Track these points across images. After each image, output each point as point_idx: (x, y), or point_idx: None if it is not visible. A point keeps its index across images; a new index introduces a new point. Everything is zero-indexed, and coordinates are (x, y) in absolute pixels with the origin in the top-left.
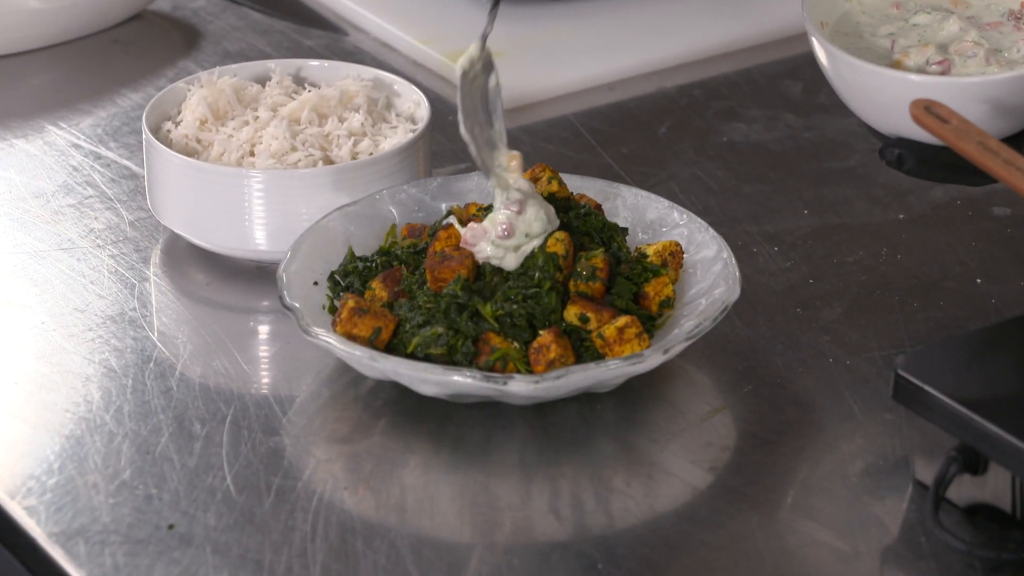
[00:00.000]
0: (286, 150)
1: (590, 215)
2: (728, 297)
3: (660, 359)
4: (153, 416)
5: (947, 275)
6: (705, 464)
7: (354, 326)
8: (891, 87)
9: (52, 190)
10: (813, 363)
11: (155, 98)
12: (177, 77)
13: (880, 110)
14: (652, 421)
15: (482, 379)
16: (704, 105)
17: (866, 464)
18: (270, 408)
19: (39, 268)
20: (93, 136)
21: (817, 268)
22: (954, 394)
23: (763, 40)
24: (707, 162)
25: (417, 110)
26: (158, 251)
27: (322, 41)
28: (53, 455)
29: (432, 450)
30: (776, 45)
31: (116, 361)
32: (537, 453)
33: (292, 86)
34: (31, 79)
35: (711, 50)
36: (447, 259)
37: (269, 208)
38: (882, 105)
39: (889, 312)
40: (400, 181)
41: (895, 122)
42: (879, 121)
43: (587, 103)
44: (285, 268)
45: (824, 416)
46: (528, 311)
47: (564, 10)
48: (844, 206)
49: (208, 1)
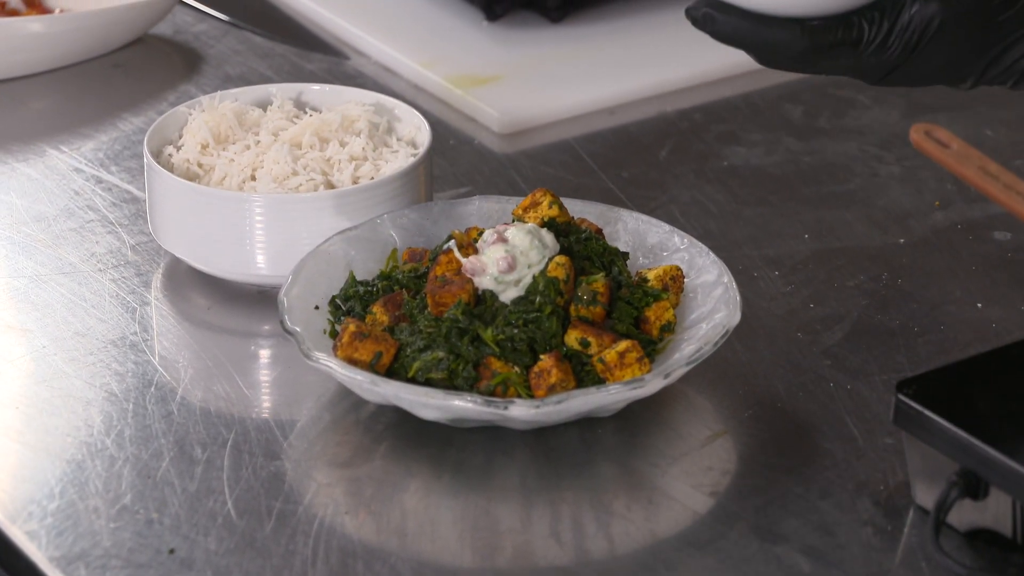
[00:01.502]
0: (287, 174)
1: (591, 240)
2: (729, 321)
3: (661, 384)
4: (154, 440)
5: (948, 299)
6: (706, 488)
7: (355, 350)
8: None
9: (53, 214)
10: (814, 387)
11: (156, 122)
12: (178, 101)
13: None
14: (653, 445)
15: (483, 404)
16: (705, 129)
17: (867, 488)
18: (271, 432)
19: (40, 292)
20: (94, 160)
21: (818, 292)
22: (955, 418)
23: None
24: (708, 186)
25: (418, 134)
26: (159, 275)
27: (323, 65)
28: (54, 479)
29: (433, 474)
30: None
31: (117, 385)
32: (538, 477)
33: (293, 110)
34: (33, 103)
35: (712, 74)
36: (448, 284)
37: (270, 232)
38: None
39: (890, 336)
40: (401, 205)
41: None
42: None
43: (588, 127)
44: (286, 292)
45: (825, 440)
46: (529, 335)
47: (565, 34)
48: (844, 230)
49: (209, 25)
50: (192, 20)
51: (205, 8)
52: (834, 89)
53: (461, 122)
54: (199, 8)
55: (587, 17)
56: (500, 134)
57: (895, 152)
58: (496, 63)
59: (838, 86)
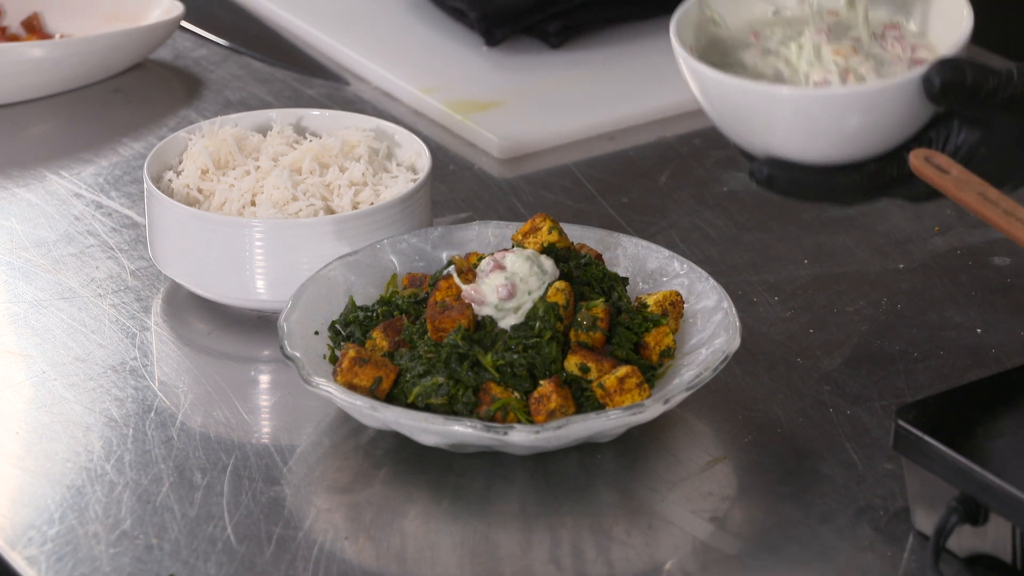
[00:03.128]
0: (287, 200)
1: (590, 265)
2: (728, 347)
3: (660, 409)
4: (154, 466)
5: (947, 325)
6: (706, 514)
7: (355, 376)
8: (762, 103)
9: (53, 239)
10: (814, 413)
11: (156, 147)
12: (178, 126)
13: (750, 128)
14: (653, 471)
15: (483, 429)
16: (704, 154)
17: (867, 514)
18: (271, 457)
19: (40, 317)
20: (94, 185)
21: (817, 317)
22: (954, 444)
23: None
24: (707, 211)
25: (418, 160)
26: (159, 300)
27: (323, 90)
28: (54, 505)
29: (433, 499)
30: None
31: (117, 411)
32: (538, 502)
33: (293, 136)
34: (33, 128)
35: None
36: (447, 309)
37: (270, 257)
38: (752, 123)
39: (889, 362)
40: (401, 231)
41: (765, 140)
42: (750, 141)
43: (587, 152)
44: (286, 317)
45: (825, 466)
46: (528, 361)
47: (565, 59)
48: (844, 255)
49: (209, 50)
50: (192, 45)
51: (205, 33)
52: None
53: (461, 147)
54: (199, 33)
55: (587, 43)
56: (500, 159)
57: None
58: (496, 88)
59: None
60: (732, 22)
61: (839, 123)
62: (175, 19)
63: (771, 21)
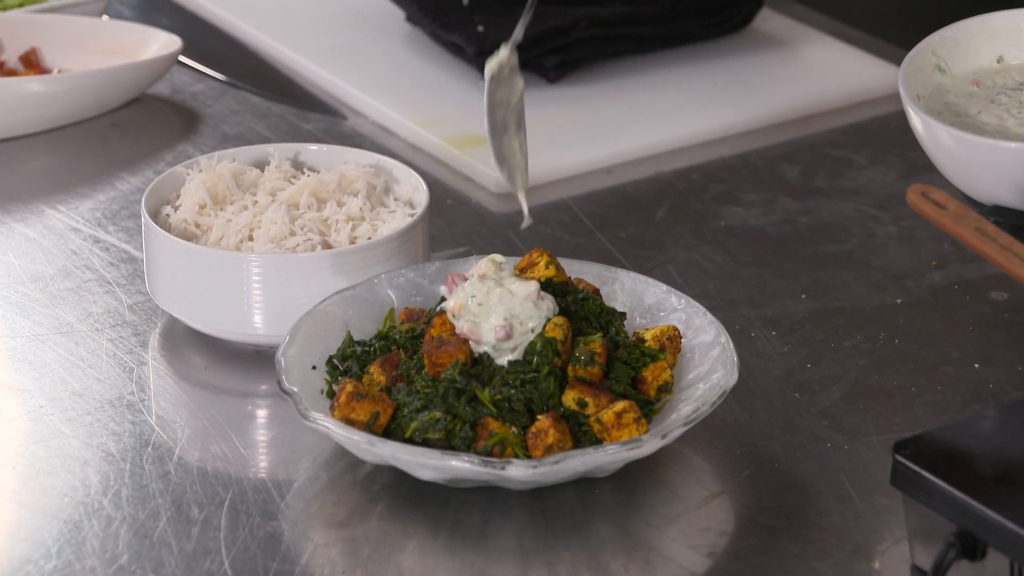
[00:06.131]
0: (285, 234)
1: (588, 300)
2: (726, 382)
3: (658, 444)
4: (151, 500)
5: (945, 359)
6: (703, 549)
7: (352, 410)
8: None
9: (51, 274)
10: (811, 448)
11: (154, 182)
12: (176, 161)
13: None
14: (650, 506)
15: (480, 464)
16: (702, 189)
17: (864, 549)
18: (268, 492)
19: (37, 352)
20: (92, 220)
21: (815, 352)
22: (952, 479)
23: (761, 124)
24: (705, 246)
25: (415, 194)
26: (156, 335)
27: (320, 125)
28: (51, 539)
29: (430, 534)
30: (774, 129)
31: (114, 445)
32: (535, 538)
33: (291, 170)
34: (30, 163)
35: (709, 134)
36: (444, 344)
37: (267, 292)
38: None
39: (887, 397)
40: (398, 265)
41: (991, 190)
42: (976, 190)
43: (585, 186)
44: (283, 352)
45: (822, 501)
46: (526, 396)
47: (562, 93)
48: (842, 290)
49: (207, 85)
50: (190, 80)
51: (203, 68)
52: (831, 149)
53: (458, 182)
54: (197, 68)
55: (584, 77)
56: (497, 194)
57: (892, 212)
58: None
59: (835, 146)
60: (957, 69)
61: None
62: (173, 54)
63: (994, 70)
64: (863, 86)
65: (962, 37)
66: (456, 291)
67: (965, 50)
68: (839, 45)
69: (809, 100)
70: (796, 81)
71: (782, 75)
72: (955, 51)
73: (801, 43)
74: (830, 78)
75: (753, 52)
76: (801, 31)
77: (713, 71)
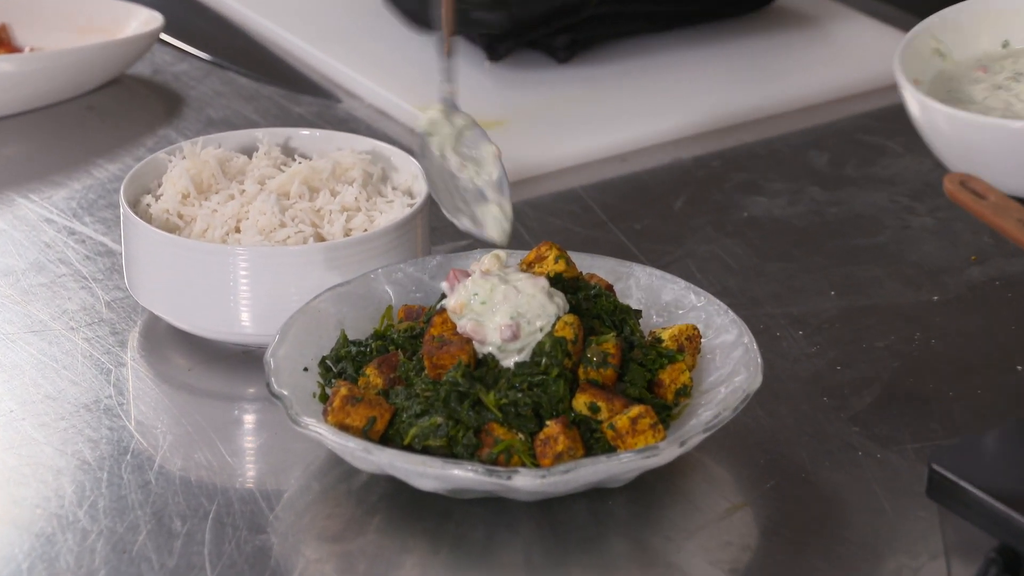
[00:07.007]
0: (274, 226)
1: (601, 297)
2: (749, 385)
3: (676, 452)
4: (130, 512)
5: (985, 361)
6: (725, 565)
7: (347, 415)
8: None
9: (22, 268)
10: (841, 456)
11: (133, 170)
12: (157, 147)
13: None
14: (668, 519)
15: (484, 473)
16: (723, 177)
17: (898, 565)
18: (256, 504)
19: (8, 352)
20: (67, 210)
21: (845, 354)
22: (993, 490)
23: (786, 108)
24: (726, 239)
25: (415, 183)
26: (136, 334)
27: (312, 108)
28: (22, 555)
29: (430, 549)
30: (800, 113)
31: (90, 453)
32: (544, 553)
33: (281, 157)
34: (0, 148)
35: (730, 119)
36: (446, 344)
37: (256, 288)
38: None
39: (923, 401)
40: (396, 259)
41: (995, 175)
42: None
43: (597, 175)
44: (273, 353)
45: (853, 513)
46: (534, 400)
47: (572, 75)
48: (874, 286)
49: (190, 65)
50: (172, 59)
51: (186, 46)
52: (862, 135)
53: None
54: (179, 46)
55: (596, 57)
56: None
57: (928, 203)
58: (499, 107)
59: (866, 132)
60: (959, 54)
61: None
62: (154, 31)
63: (1000, 55)
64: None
65: (964, 20)
66: (458, 287)
67: (967, 34)
68: (871, 23)
69: (839, 82)
70: (825, 62)
71: (809, 55)
72: (956, 34)
73: (830, 20)
74: (861, 58)
75: (778, 30)
76: (830, 7)
77: (735, 51)
